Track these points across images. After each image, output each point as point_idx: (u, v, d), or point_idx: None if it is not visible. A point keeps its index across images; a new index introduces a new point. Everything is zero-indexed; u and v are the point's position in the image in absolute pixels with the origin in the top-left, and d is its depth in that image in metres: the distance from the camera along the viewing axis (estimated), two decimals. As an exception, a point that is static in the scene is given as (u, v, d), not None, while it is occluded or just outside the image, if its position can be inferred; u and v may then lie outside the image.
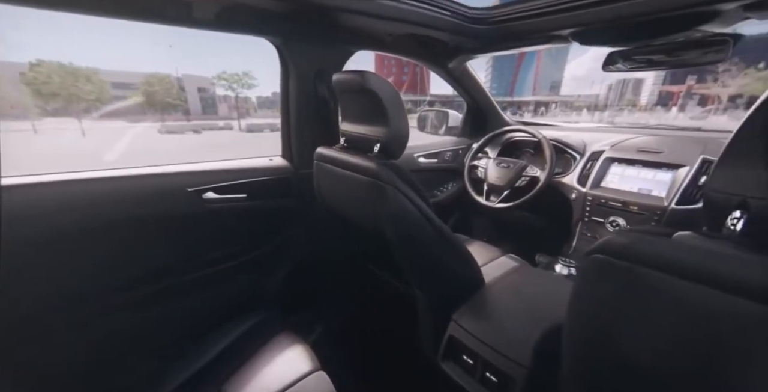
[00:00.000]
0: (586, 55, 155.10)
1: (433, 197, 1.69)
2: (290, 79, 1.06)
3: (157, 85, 34.52)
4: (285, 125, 1.13)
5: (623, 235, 0.35)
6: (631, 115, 49.74)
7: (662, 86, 55.83)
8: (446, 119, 1.73)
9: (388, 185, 0.66)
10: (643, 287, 0.31)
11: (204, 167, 0.98)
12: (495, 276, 0.96)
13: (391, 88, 0.72)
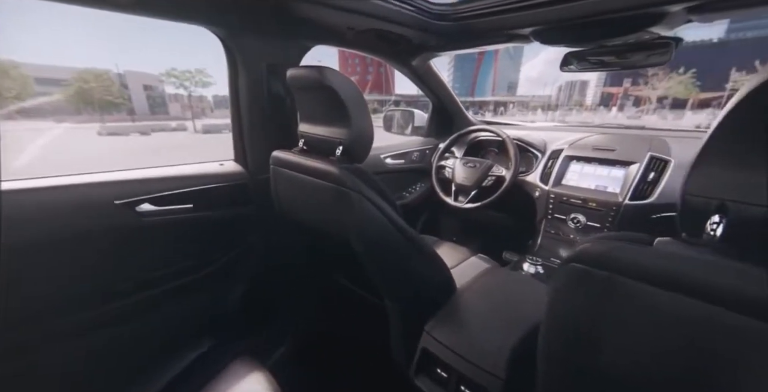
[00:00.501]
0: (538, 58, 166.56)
1: (402, 198, 1.66)
2: (239, 76, 0.95)
3: (94, 81, 31.02)
4: (236, 126, 1.02)
5: (600, 243, 0.34)
6: (579, 114, 54.24)
7: (603, 88, 61.56)
8: (412, 118, 1.71)
9: (352, 191, 0.63)
10: (621, 296, 0.30)
11: (138, 175, 0.85)
12: (467, 280, 0.94)
13: (351, 86, 0.67)
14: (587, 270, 0.32)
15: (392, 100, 53.51)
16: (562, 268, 0.35)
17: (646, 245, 0.33)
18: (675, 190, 1.16)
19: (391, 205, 0.70)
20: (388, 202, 0.70)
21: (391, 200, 0.72)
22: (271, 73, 0.98)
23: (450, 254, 1.22)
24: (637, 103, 49.26)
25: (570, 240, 1.17)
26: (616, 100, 54.85)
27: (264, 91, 0.98)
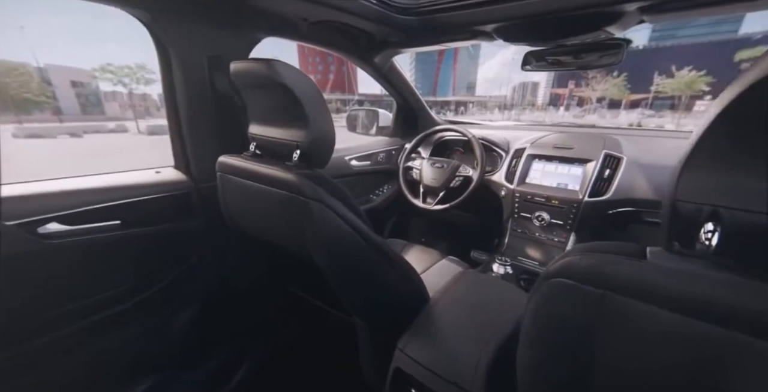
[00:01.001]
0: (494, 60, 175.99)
1: (369, 201, 1.60)
2: (174, 69, 0.82)
3: (7, 76, 26.82)
4: (174, 128, 0.89)
5: (588, 256, 0.31)
6: (532, 113, 58.19)
7: (552, 89, 66.65)
8: (377, 118, 1.66)
9: (312, 201, 0.56)
10: (614, 313, 0.28)
11: (43, 188, 0.70)
12: (439, 287, 0.91)
13: (307, 82, 0.61)
14: (576, 286, 0.30)
15: (355, 99, 52.46)
16: (546, 283, 0.33)
17: (638, 257, 0.30)
18: (629, 186, 1.11)
19: (356, 213, 0.65)
20: (353, 210, 0.65)
21: (356, 207, 0.67)
22: (215, 67, 0.86)
23: (420, 257, 1.19)
24: (580, 103, 54.06)
25: (536, 239, 1.19)
26: (563, 100, 59.69)
27: (207, 87, 0.86)
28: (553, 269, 0.33)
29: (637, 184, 1.01)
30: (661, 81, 43.28)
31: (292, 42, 1.11)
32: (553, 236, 1.14)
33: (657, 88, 43.88)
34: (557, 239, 1.13)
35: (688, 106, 42.96)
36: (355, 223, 0.61)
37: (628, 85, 47.67)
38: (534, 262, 1.15)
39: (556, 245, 1.13)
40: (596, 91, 49.37)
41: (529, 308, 0.35)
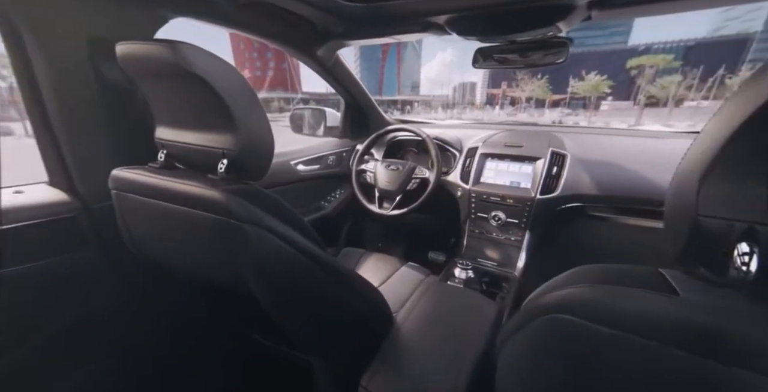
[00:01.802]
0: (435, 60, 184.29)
1: (321, 208, 1.47)
2: (29, 53, 0.61)
3: None
4: (43, 133, 0.68)
5: (594, 288, 0.27)
6: (471, 112, 62.28)
7: (487, 90, 72.21)
8: (324, 118, 1.53)
9: (248, 224, 0.44)
10: (635, 360, 0.23)
11: None
12: (402, 300, 0.85)
13: (230, 73, 0.48)
14: (580, 324, 0.25)
15: (298, 97, 50.03)
16: (543, 318, 0.28)
17: (664, 291, 0.25)
18: (575, 182, 1.13)
19: (301, 229, 0.55)
20: (297, 226, 0.54)
21: (301, 222, 0.57)
22: (101, 53, 0.65)
23: (378, 267, 1.13)
24: (512, 102, 59.49)
25: (493, 239, 1.19)
26: (498, 100, 65.05)
27: (91, 79, 0.66)
28: (551, 301, 0.28)
29: (582, 180, 1.06)
30: (575, 84, 49.79)
31: (223, 31, 0.92)
32: (509, 236, 1.15)
33: (572, 89, 50.38)
34: (513, 238, 1.14)
35: (596, 105, 50.12)
36: (300, 243, 0.50)
37: (550, 87, 53.88)
38: (493, 263, 1.15)
39: (513, 244, 1.14)
40: (525, 91, 54.90)
41: (516, 342, 0.31)
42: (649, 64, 46.21)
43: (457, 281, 1.00)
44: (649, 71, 45.89)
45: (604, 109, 51.94)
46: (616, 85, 50.00)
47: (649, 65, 46.08)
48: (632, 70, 47.61)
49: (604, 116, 44.07)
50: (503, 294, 0.97)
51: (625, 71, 50.62)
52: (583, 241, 1.24)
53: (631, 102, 50.21)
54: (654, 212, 0.97)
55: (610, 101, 54.96)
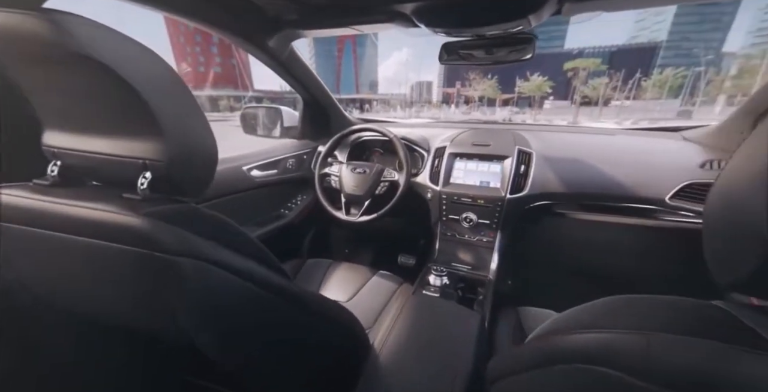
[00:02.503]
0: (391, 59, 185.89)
1: (281, 217, 1.34)
2: None
3: None
4: None
5: (654, 337, 0.21)
6: (429, 110, 64.07)
7: (443, 89, 74.83)
8: (280, 117, 1.39)
9: (183, 257, 0.34)
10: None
11: None
12: (376, 317, 0.79)
13: (148, 59, 0.37)
14: (635, 386, 0.20)
15: (249, 95, 46.02)
16: (566, 367, 0.23)
17: (739, 341, 0.20)
18: (542, 180, 1.11)
19: (258, 255, 0.44)
20: (253, 252, 0.43)
21: (256, 247, 0.45)
22: None
23: (347, 279, 1.06)
24: (466, 101, 62.32)
25: (466, 241, 1.16)
26: (453, 98, 67.71)
27: None
28: (583, 346, 0.23)
29: (549, 178, 1.07)
30: (521, 84, 53.64)
31: (160, 23, 0.70)
32: (481, 237, 1.13)
33: (519, 89, 54.22)
34: (485, 239, 1.12)
35: (540, 104, 54.47)
36: (255, 274, 0.40)
37: (499, 86, 57.40)
38: (467, 266, 1.12)
39: (485, 245, 1.13)
40: (477, 91, 57.83)
41: (523, 384, 0.28)
42: (582, 66, 51.41)
43: (433, 290, 0.95)
44: (582, 73, 51.03)
45: (547, 107, 56.65)
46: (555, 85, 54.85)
47: (582, 68, 51.27)
48: (568, 72, 52.59)
49: (547, 114, 48.13)
50: (480, 300, 0.95)
51: (563, 73, 55.75)
52: (550, 239, 1.26)
53: (569, 101, 55.36)
54: (617, 207, 1.00)
55: (551, 100, 60.06)
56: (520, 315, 0.86)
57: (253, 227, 1.21)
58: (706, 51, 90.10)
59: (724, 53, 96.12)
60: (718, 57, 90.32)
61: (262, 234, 1.20)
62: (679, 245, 1.05)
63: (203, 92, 58.60)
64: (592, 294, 0.25)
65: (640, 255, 1.16)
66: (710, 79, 52.53)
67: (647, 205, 0.95)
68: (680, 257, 1.09)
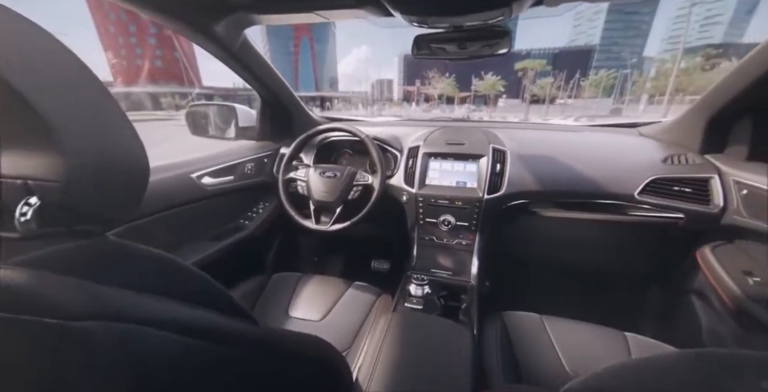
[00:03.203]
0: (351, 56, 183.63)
1: (241, 228, 1.19)
2: None
3: None
4: None
5: None
6: (390, 108, 64.53)
7: (404, 87, 75.79)
8: (234, 116, 1.24)
9: (91, 321, 0.22)
10: None
11: None
12: (353, 337, 0.76)
13: (27, 33, 0.26)
14: None
15: (195, 92, 39.85)
16: None
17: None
18: (519, 179, 1.07)
19: (207, 296, 0.35)
20: (200, 294, 0.34)
21: (205, 284, 0.36)
22: None
23: (319, 294, 0.97)
24: (426, 99, 63.81)
25: (444, 245, 1.12)
26: (413, 96, 68.89)
27: None
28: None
29: (524, 176, 1.06)
30: (476, 82, 56.14)
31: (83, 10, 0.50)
32: (460, 240, 1.09)
33: (474, 88, 56.73)
34: (465, 242, 1.09)
35: (494, 102, 57.55)
36: (199, 324, 0.29)
37: (456, 85, 59.57)
38: (447, 272, 1.07)
39: (464, 248, 1.09)
40: (436, 89, 59.46)
41: None
42: (530, 67, 55.16)
43: (415, 301, 0.88)
44: (530, 73, 54.77)
45: (501, 105, 60.01)
46: (508, 84, 58.28)
47: (530, 68, 55.01)
48: (519, 71, 56.11)
49: (501, 111, 50.95)
50: (465, 308, 0.90)
51: (514, 73, 59.35)
52: (527, 238, 1.26)
53: (520, 100, 59.19)
54: (590, 204, 1.02)
55: (504, 99, 63.72)
56: (504, 320, 0.83)
57: (208, 243, 1.06)
58: (630, 55, 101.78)
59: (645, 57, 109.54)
60: (640, 61, 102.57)
61: (220, 250, 1.06)
62: (648, 238, 1.09)
63: (142, 89, 52.19)
64: (571, 292, 0.36)
65: (612, 250, 1.20)
66: (635, 80, 59.41)
67: (618, 201, 0.97)
68: (648, 250, 1.14)
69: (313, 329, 0.83)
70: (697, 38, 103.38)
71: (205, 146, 1.20)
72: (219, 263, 1.05)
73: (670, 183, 0.93)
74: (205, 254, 1.00)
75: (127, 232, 0.78)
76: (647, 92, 47.88)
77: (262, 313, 0.91)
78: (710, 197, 0.89)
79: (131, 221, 0.79)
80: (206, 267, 0.93)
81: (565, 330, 0.78)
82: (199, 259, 0.98)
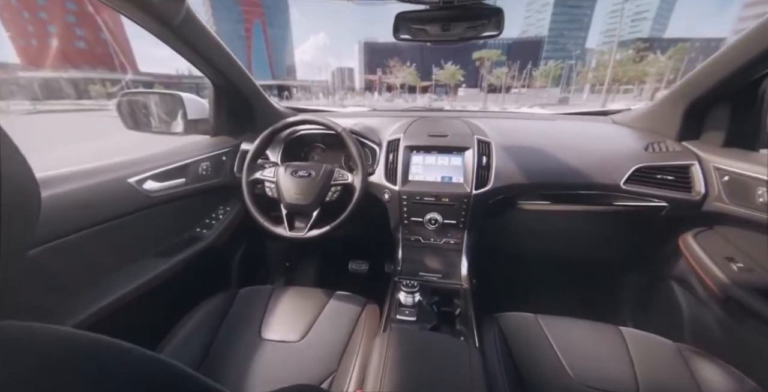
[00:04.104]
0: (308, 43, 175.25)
1: (198, 239, 1.03)
2: None
3: None
4: None
5: None
6: (353, 98, 63.18)
7: (365, 76, 74.42)
8: (181, 106, 1.05)
9: None
10: None
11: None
12: (340, 356, 0.71)
13: None
14: None
15: (128, 79, 32.61)
16: None
17: None
18: (506, 172, 1.02)
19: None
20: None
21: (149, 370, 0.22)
22: None
23: (296, 310, 0.85)
24: (388, 89, 63.39)
25: (431, 245, 1.05)
26: (375, 85, 68.02)
27: None
28: None
29: (510, 169, 1.02)
30: (437, 72, 56.81)
31: None
32: (448, 239, 1.03)
33: (435, 77, 57.42)
34: (453, 242, 1.03)
35: (455, 91, 58.86)
36: None
37: (418, 74, 59.80)
38: (436, 274, 1.00)
39: (453, 248, 1.03)
40: (398, 78, 59.22)
41: None
42: (487, 56, 56.91)
43: (408, 313, 0.79)
44: (487, 63, 56.56)
45: (461, 95, 61.56)
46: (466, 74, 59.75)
47: (487, 58, 56.77)
48: (476, 61, 57.66)
49: (461, 101, 52.29)
50: (461, 315, 0.82)
51: (472, 62, 60.90)
52: (512, 233, 1.23)
53: (479, 89, 61.15)
54: (576, 195, 1.00)
55: (464, 88, 65.40)
56: (500, 323, 0.79)
57: (158, 260, 0.89)
58: (575, 47, 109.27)
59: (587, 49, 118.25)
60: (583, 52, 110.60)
61: (173, 266, 0.90)
62: (629, 227, 1.10)
63: (59, 74, 44.12)
64: (560, 285, 0.35)
65: (595, 240, 1.21)
66: (579, 70, 64.11)
67: (604, 191, 0.96)
68: (630, 237, 1.16)
69: (291, 352, 0.74)
70: (629, 32, 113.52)
71: (158, 143, 1.00)
72: (173, 282, 0.89)
73: (653, 171, 0.93)
74: (155, 273, 0.85)
75: (46, 255, 0.61)
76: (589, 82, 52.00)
77: (230, 337, 0.79)
78: (691, 184, 0.90)
79: (52, 240, 0.63)
80: (157, 289, 0.85)
81: (562, 329, 0.77)
82: (148, 280, 0.83)
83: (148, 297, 0.82)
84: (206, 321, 0.81)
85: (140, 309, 0.80)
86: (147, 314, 0.89)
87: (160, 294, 0.87)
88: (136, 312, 0.80)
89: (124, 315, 0.76)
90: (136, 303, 0.79)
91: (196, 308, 0.85)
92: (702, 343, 0.78)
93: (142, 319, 0.86)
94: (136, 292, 0.79)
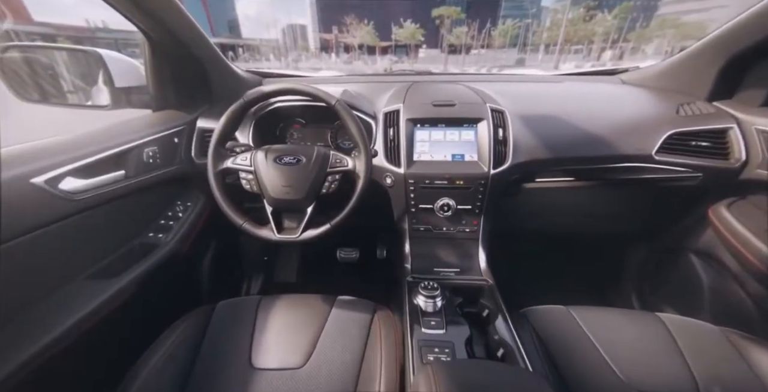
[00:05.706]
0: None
1: (156, 247, 0.82)
2: None
3: None
4: None
5: None
6: (308, 60, 58.00)
7: (320, 34, 67.92)
8: (103, 69, 0.81)
9: None
10: None
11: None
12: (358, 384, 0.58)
13: None
14: None
15: (13, 28, 20.39)
16: None
17: None
18: (525, 145, 0.89)
19: None
20: None
21: None
22: None
23: (293, 324, 0.70)
24: (346, 49, 58.99)
25: (444, 234, 0.92)
26: (332, 46, 62.82)
27: None
28: None
29: (530, 142, 0.90)
30: (396, 31, 53.54)
31: None
32: (463, 227, 0.91)
33: (395, 37, 54.24)
34: (468, 230, 0.91)
35: (415, 52, 56.47)
36: None
37: (377, 33, 55.89)
38: (453, 269, 0.87)
39: (468, 236, 0.92)
40: (356, 38, 55.02)
41: None
42: (447, 14, 54.37)
43: (434, 324, 0.66)
44: (447, 22, 54.24)
45: (422, 56, 59.29)
46: (426, 33, 57.09)
47: (447, 16, 54.28)
48: (436, 19, 55.00)
49: (423, 62, 50.45)
50: (489, 315, 0.71)
51: (432, 20, 58.01)
52: (523, 212, 1.12)
53: (439, 50, 59.18)
54: (603, 169, 0.90)
55: (425, 49, 62.84)
56: (530, 319, 0.72)
57: (97, 283, 0.69)
58: (531, 5, 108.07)
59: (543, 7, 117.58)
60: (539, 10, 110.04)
61: (124, 288, 0.70)
62: (655, 199, 1.03)
63: None
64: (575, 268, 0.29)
65: (613, 215, 1.13)
66: (535, 30, 64.13)
67: (635, 163, 0.87)
68: (655, 210, 1.08)
69: (294, 382, 0.58)
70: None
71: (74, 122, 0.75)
72: (126, 307, 0.70)
73: (686, 138, 0.84)
74: (99, 300, 0.65)
75: None
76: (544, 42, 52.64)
77: (212, 368, 0.60)
78: (729, 150, 0.82)
79: None
80: (105, 320, 0.66)
81: (598, 321, 0.70)
82: (90, 311, 0.63)
83: (94, 333, 0.62)
84: (178, 352, 0.62)
85: (85, 351, 0.62)
86: (96, 355, 0.67)
87: (110, 326, 0.65)
88: (77, 357, 0.62)
89: (60, 363, 0.57)
90: (77, 345, 0.59)
91: (163, 335, 0.65)
92: (734, 322, 0.72)
93: (89, 362, 0.66)
94: (75, 329, 0.59)
